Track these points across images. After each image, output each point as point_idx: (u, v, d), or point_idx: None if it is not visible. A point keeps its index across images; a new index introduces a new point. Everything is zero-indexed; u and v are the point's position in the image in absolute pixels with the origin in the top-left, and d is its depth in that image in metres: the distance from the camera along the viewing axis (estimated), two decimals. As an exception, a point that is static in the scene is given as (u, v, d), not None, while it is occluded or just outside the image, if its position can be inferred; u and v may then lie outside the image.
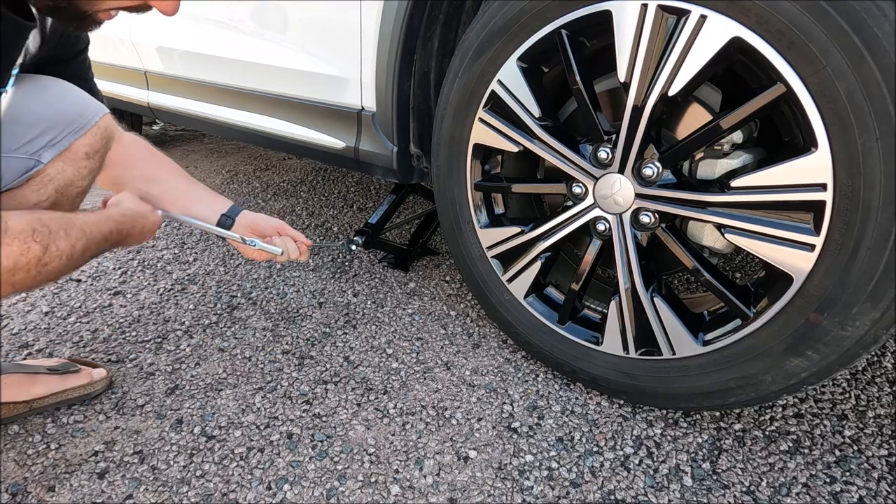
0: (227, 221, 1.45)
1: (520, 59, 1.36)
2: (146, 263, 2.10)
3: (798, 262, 1.09)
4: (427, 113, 1.71)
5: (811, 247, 1.07)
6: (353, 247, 1.88)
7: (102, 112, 1.27)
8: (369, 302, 1.91)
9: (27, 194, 1.16)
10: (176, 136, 4.22)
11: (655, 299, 1.31)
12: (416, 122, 1.68)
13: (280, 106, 1.94)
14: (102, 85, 1.42)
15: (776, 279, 1.15)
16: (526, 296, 1.53)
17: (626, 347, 1.37)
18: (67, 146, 1.19)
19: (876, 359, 1.63)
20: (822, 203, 1.04)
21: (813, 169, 1.03)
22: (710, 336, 1.26)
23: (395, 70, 1.57)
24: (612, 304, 1.38)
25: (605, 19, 1.20)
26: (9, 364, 1.43)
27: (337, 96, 1.77)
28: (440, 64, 1.66)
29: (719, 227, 1.20)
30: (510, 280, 1.54)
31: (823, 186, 1.03)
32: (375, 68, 1.61)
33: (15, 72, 1.10)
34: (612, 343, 1.40)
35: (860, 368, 1.59)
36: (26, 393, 1.38)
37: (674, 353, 1.30)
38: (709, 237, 1.31)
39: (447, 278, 2.06)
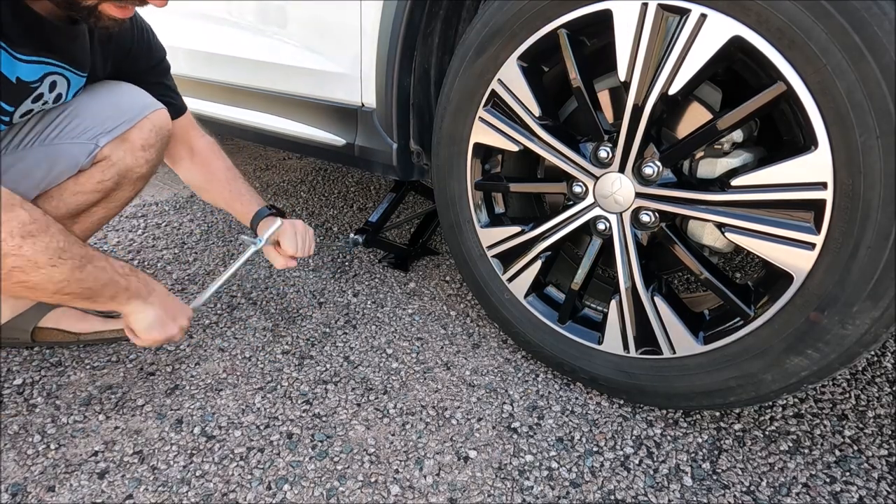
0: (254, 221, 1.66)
1: (520, 58, 1.36)
2: (146, 263, 2.10)
3: (798, 261, 1.09)
4: (427, 109, 1.70)
5: (811, 245, 1.07)
6: (352, 245, 1.89)
7: (153, 108, 1.47)
8: (369, 302, 1.90)
9: (94, 173, 1.41)
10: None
11: (656, 298, 1.31)
12: (417, 118, 1.68)
13: (280, 103, 1.94)
14: None
15: (776, 278, 1.15)
16: (526, 295, 1.53)
17: (626, 346, 1.37)
18: (121, 133, 1.41)
19: (876, 359, 1.63)
20: (823, 202, 1.04)
21: (813, 167, 1.03)
22: (710, 335, 1.26)
23: (395, 66, 1.57)
24: (613, 304, 1.37)
25: (605, 18, 1.20)
26: None
27: (337, 93, 1.77)
28: (440, 60, 1.66)
29: (720, 226, 1.20)
30: (510, 279, 1.54)
31: (824, 185, 1.03)
32: (375, 65, 1.61)
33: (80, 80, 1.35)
34: (612, 342, 1.40)
35: (860, 368, 1.59)
36: (77, 326, 1.64)
37: (674, 353, 1.30)
38: (709, 236, 1.31)
39: (447, 278, 2.06)
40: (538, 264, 1.49)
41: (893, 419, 1.41)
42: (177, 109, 1.62)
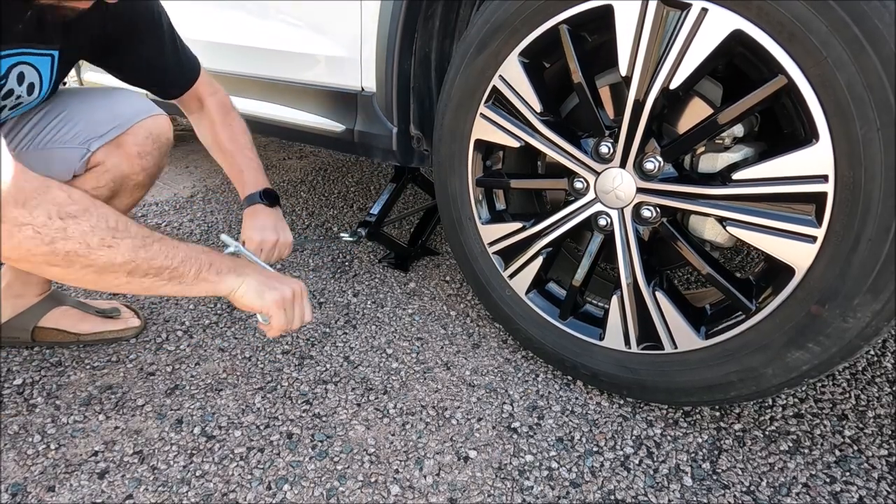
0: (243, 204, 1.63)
1: (521, 54, 1.36)
2: (146, 264, 2.09)
3: (800, 255, 1.09)
4: (428, 94, 1.71)
5: (813, 239, 1.07)
6: (354, 237, 1.88)
7: (149, 114, 1.44)
8: (369, 302, 1.90)
9: (88, 179, 1.39)
10: (176, 135, 4.20)
11: (657, 294, 1.31)
12: (417, 103, 1.68)
13: (277, 90, 1.94)
14: (88, 75, 1.47)
15: (778, 272, 1.15)
16: (527, 291, 1.53)
17: (627, 342, 1.37)
18: (113, 138, 1.39)
19: (876, 359, 1.63)
20: (824, 195, 1.04)
21: (814, 160, 1.03)
22: (711, 329, 1.25)
23: (395, 49, 1.57)
24: (614, 299, 1.37)
25: (606, 14, 1.20)
26: (72, 299, 1.70)
27: (337, 78, 1.77)
28: (441, 45, 1.66)
29: (721, 220, 1.19)
30: (511, 276, 1.54)
31: (825, 178, 1.03)
32: (376, 48, 1.61)
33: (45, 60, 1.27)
34: (613, 338, 1.39)
35: (860, 368, 1.58)
36: (77, 327, 1.64)
37: (675, 348, 1.30)
38: (710, 231, 1.31)
39: (447, 278, 2.06)
40: (539, 261, 1.49)
41: (893, 419, 1.40)
42: (192, 72, 1.59)
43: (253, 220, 1.57)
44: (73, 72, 2.25)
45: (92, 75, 2.64)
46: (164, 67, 1.51)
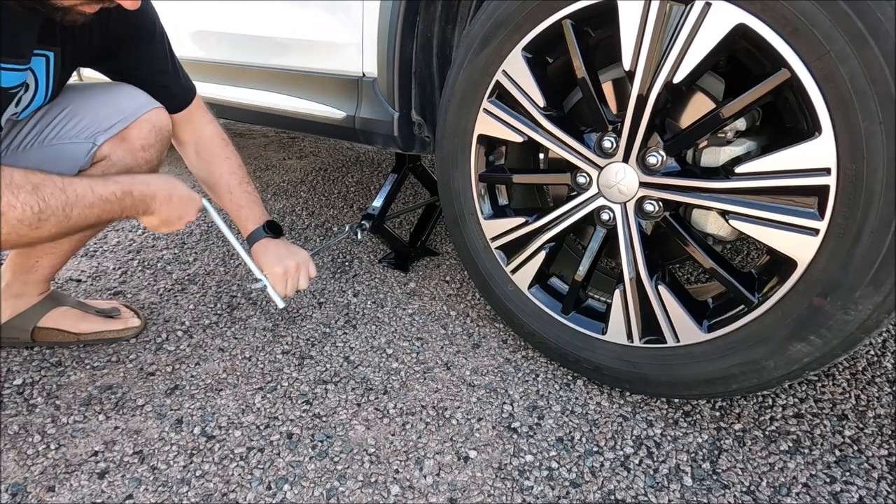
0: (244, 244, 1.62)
1: (525, 49, 1.36)
2: (146, 263, 2.10)
3: (802, 247, 1.09)
4: (429, 79, 1.70)
5: (815, 231, 1.07)
6: (360, 232, 1.89)
7: (151, 106, 1.46)
8: (369, 302, 1.90)
9: (93, 173, 1.40)
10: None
11: (660, 287, 1.31)
12: (418, 88, 1.68)
13: (277, 78, 1.93)
14: (87, 71, 1.48)
15: (780, 265, 1.15)
16: (530, 286, 1.53)
17: (630, 336, 1.37)
18: (118, 132, 1.41)
19: (876, 359, 1.62)
20: (826, 187, 1.04)
21: (816, 154, 1.03)
22: (713, 323, 1.25)
23: (397, 33, 1.57)
24: (617, 294, 1.37)
25: (609, 8, 1.20)
26: (72, 299, 1.70)
27: (337, 63, 1.76)
28: (443, 30, 1.66)
29: (724, 213, 1.19)
30: (514, 271, 1.54)
31: (827, 171, 1.03)
32: (377, 31, 1.61)
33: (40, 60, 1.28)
34: (616, 332, 1.39)
35: (860, 368, 1.58)
36: (77, 327, 1.64)
37: (678, 341, 1.29)
38: (713, 225, 1.31)
39: (447, 278, 2.06)
40: (542, 256, 1.48)
41: (893, 419, 1.40)
42: (190, 91, 1.58)
43: (266, 254, 1.57)
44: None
45: (91, 71, 2.65)
46: (163, 80, 1.51)
